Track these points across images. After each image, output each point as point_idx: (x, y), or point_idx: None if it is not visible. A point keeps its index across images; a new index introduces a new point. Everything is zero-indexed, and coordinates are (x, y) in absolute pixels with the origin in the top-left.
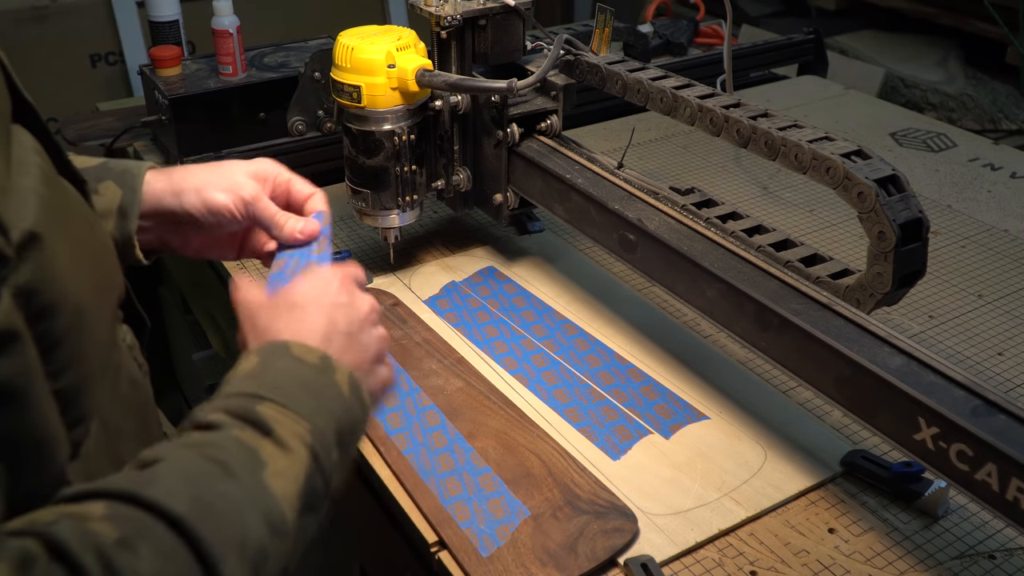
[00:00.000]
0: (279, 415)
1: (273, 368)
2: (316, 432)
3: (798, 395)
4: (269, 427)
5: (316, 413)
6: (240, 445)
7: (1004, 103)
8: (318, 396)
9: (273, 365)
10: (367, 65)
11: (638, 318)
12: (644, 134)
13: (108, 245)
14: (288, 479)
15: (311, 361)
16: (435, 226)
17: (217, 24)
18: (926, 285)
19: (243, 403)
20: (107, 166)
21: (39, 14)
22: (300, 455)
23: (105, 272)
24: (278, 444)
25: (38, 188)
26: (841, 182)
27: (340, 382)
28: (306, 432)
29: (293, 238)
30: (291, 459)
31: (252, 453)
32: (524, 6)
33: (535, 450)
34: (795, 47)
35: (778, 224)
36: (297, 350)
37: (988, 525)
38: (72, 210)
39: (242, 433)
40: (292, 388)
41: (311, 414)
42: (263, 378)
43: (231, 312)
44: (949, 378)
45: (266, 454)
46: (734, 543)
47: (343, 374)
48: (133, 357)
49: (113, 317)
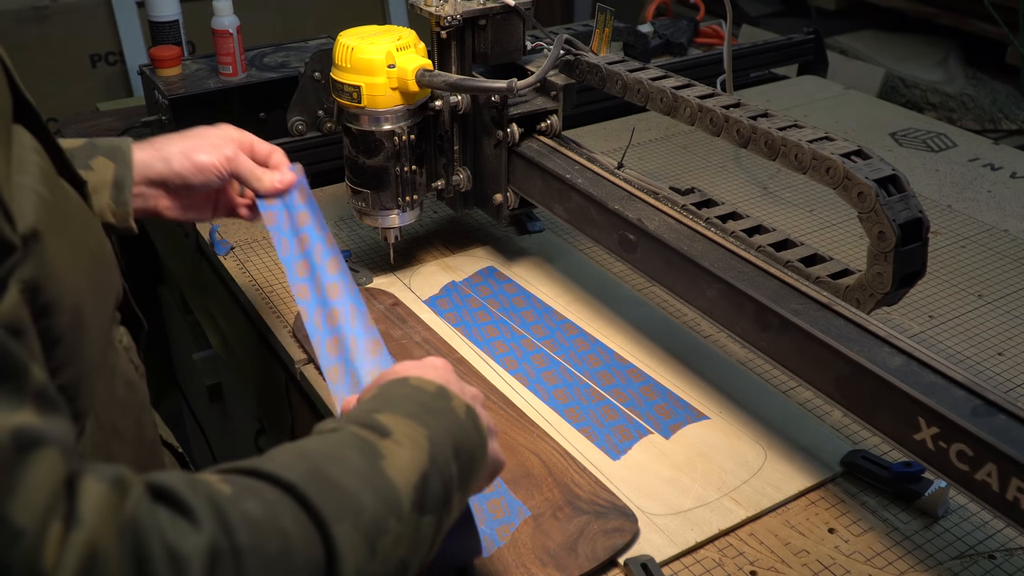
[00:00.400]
0: (397, 422)
1: (390, 393)
2: (433, 440)
3: (798, 395)
4: (387, 429)
5: (432, 425)
6: (358, 438)
7: (1004, 103)
8: (436, 415)
9: (391, 392)
10: (367, 65)
11: (638, 318)
12: (644, 134)
13: (106, 246)
14: (405, 471)
15: (428, 390)
16: (435, 226)
17: (217, 24)
18: (926, 285)
19: (363, 415)
20: (94, 144)
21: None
22: (417, 453)
23: (103, 273)
24: (396, 442)
25: (38, 187)
26: (841, 182)
27: (457, 408)
28: (423, 437)
29: (273, 188)
30: (409, 453)
31: (370, 446)
32: (524, 6)
33: (535, 450)
34: (795, 47)
35: (778, 224)
36: (415, 381)
37: (988, 525)
38: (71, 210)
39: (361, 431)
40: (409, 406)
41: (428, 424)
42: (381, 400)
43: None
44: (949, 378)
45: (385, 449)
46: (734, 543)
47: (460, 402)
48: (130, 359)
49: (110, 318)
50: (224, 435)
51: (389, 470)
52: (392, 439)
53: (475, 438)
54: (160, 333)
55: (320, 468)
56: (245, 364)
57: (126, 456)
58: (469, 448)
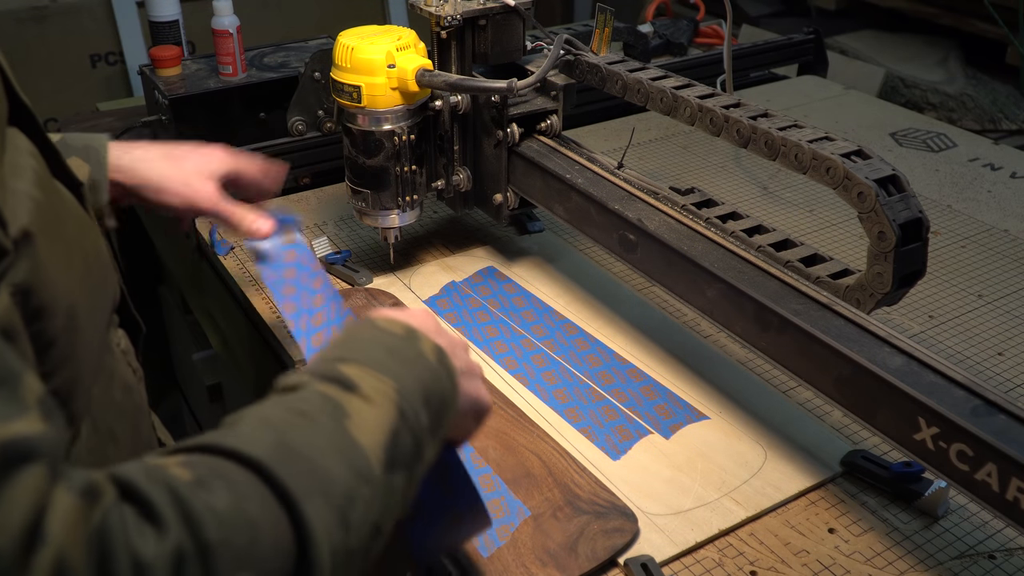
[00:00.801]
0: (363, 373)
1: (357, 336)
2: (402, 391)
3: (798, 395)
4: (353, 383)
5: (401, 374)
6: (323, 397)
7: (1004, 103)
8: (403, 361)
9: (357, 334)
10: (367, 65)
11: (638, 318)
12: (644, 134)
13: (102, 248)
14: (373, 431)
15: (396, 331)
16: (435, 226)
17: (217, 24)
18: (926, 285)
19: (326, 365)
20: (66, 142)
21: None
22: (385, 409)
23: (98, 276)
24: (363, 398)
25: (32, 192)
26: (841, 182)
27: (426, 351)
28: (391, 390)
29: (253, 234)
30: (376, 411)
31: (336, 404)
32: (524, 6)
33: (535, 450)
34: (795, 47)
35: (778, 224)
36: (382, 323)
37: (988, 525)
38: (66, 213)
39: (325, 388)
40: (376, 352)
41: (396, 375)
42: (346, 344)
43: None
44: (949, 378)
45: (351, 407)
46: (734, 543)
47: (429, 344)
48: (127, 362)
49: (107, 321)
50: None
51: (356, 432)
52: (358, 394)
53: (445, 382)
54: (160, 333)
55: (286, 439)
56: (245, 364)
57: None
58: (440, 393)
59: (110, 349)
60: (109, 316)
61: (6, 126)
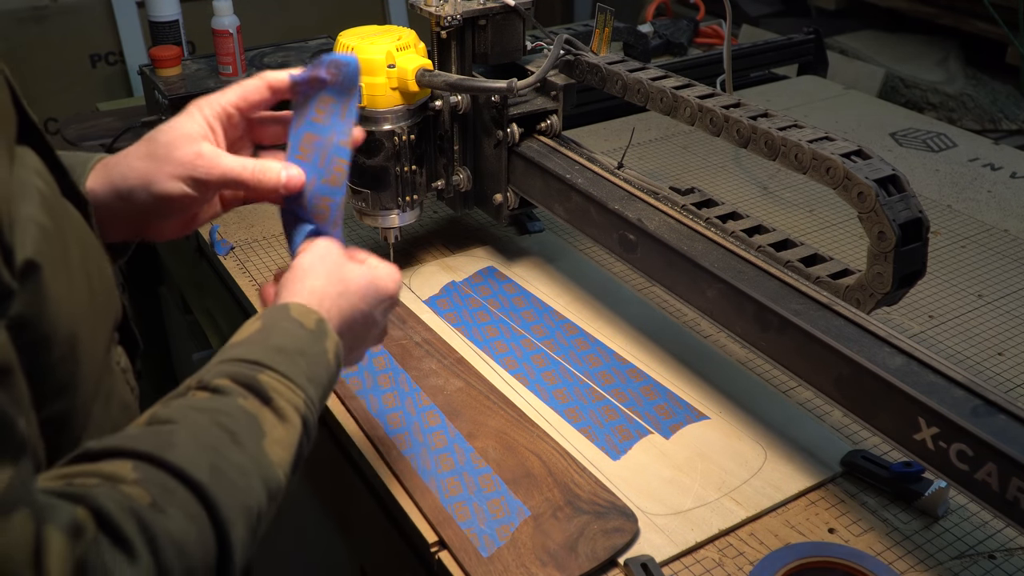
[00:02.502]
0: (278, 384)
1: (274, 331)
2: (308, 402)
3: (798, 395)
4: (269, 396)
5: (309, 382)
6: (245, 413)
7: (1004, 103)
8: (312, 364)
9: (274, 327)
10: (367, 65)
11: (638, 318)
12: (644, 134)
13: (106, 268)
14: (284, 447)
15: (308, 326)
16: (435, 226)
17: (217, 24)
18: (926, 285)
19: (246, 371)
20: None
21: (39, 14)
22: (295, 424)
23: (102, 297)
24: (277, 414)
25: (38, 217)
26: (841, 182)
27: (329, 350)
28: (300, 402)
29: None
30: (287, 428)
31: (255, 422)
32: (524, 6)
33: (535, 450)
34: (795, 47)
35: (778, 224)
36: (296, 311)
37: (988, 525)
38: (71, 236)
39: (246, 402)
40: (290, 356)
41: (305, 383)
42: (265, 343)
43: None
44: (949, 378)
45: (267, 424)
46: (734, 543)
47: (332, 342)
48: (126, 380)
49: (108, 341)
50: None
51: (270, 450)
52: (272, 407)
53: (335, 376)
54: (160, 333)
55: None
56: None
57: None
58: (328, 387)
59: (110, 368)
60: (111, 335)
61: (15, 144)
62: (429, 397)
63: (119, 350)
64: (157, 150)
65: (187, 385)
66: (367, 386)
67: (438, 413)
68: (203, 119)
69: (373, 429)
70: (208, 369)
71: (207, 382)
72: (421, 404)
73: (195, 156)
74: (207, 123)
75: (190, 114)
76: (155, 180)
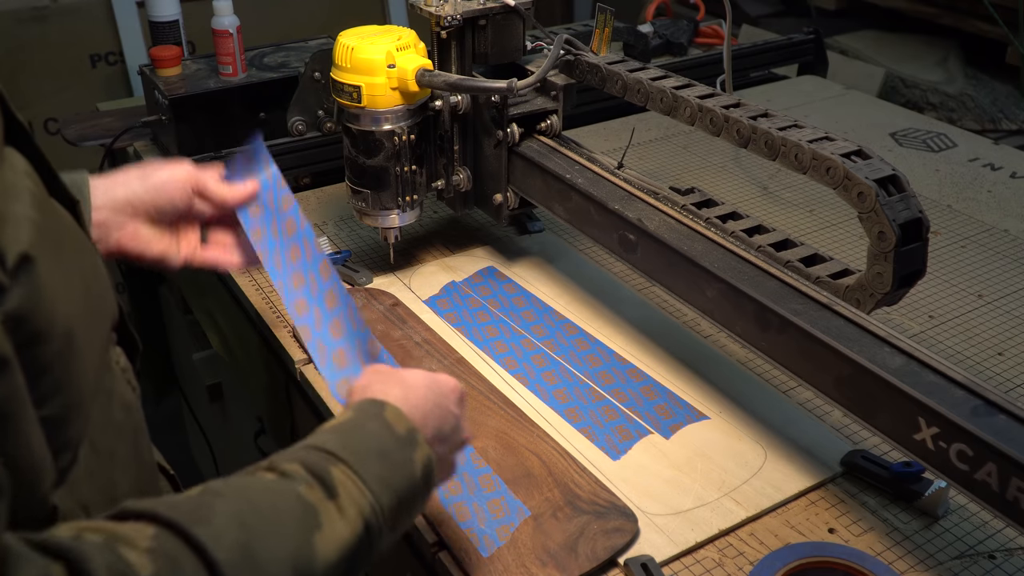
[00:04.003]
0: (348, 481)
1: (361, 428)
2: (376, 508)
3: (798, 395)
4: (336, 491)
5: (383, 487)
6: (303, 503)
7: (1004, 103)
8: (392, 469)
9: (363, 425)
10: (367, 65)
11: (638, 318)
12: (644, 134)
13: (100, 267)
14: (336, 546)
15: (399, 431)
16: (435, 226)
17: (217, 24)
18: (926, 285)
19: (320, 460)
20: None
21: (39, 14)
22: (355, 526)
23: (97, 295)
24: (339, 510)
25: (30, 214)
26: (841, 182)
27: (417, 460)
28: (367, 505)
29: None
30: (345, 527)
31: (312, 513)
32: (524, 6)
33: (535, 450)
34: (795, 47)
35: (778, 224)
36: (391, 414)
37: (988, 525)
38: (63, 235)
39: (309, 491)
40: (370, 455)
41: (379, 488)
42: (348, 436)
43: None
44: (949, 378)
45: (325, 517)
46: (734, 543)
47: (423, 454)
48: (127, 380)
49: (106, 340)
50: (224, 435)
51: (320, 544)
52: (336, 504)
53: (421, 495)
54: (160, 333)
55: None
56: (245, 364)
57: (126, 481)
58: (411, 500)
59: (109, 368)
60: (108, 335)
61: (2, 145)
62: None
63: (117, 350)
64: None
65: (259, 464)
66: None
67: None
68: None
69: None
70: (287, 451)
71: (277, 464)
72: None
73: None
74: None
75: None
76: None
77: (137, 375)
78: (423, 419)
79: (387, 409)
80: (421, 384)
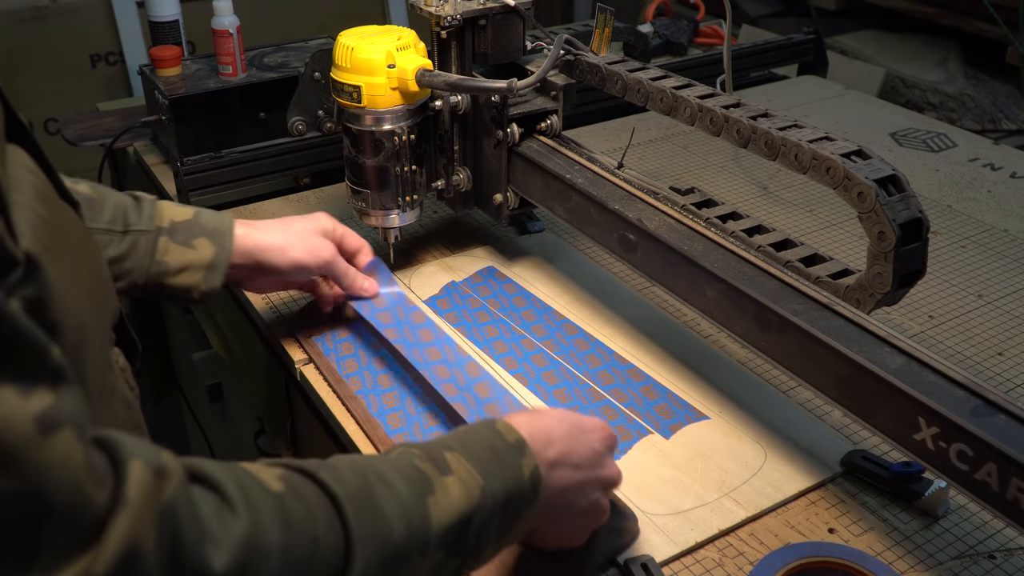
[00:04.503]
0: (460, 464)
1: (472, 431)
2: (485, 491)
3: (798, 395)
4: (449, 468)
5: (492, 477)
6: (417, 470)
7: (1004, 103)
8: (501, 464)
9: (474, 429)
10: (367, 65)
11: (638, 318)
12: (644, 134)
13: (103, 266)
14: (447, 512)
15: (508, 439)
16: (435, 226)
17: (217, 24)
18: (926, 285)
19: (433, 446)
20: (199, 221)
21: (39, 14)
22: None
23: (101, 293)
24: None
25: (34, 206)
26: (841, 182)
27: (524, 467)
28: (476, 487)
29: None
30: (457, 498)
31: (426, 479)
32: (524, 6)
33: None
34: (795, 47)
35: (778, 224)
36: (501, 425)
37: (988, 525)
38: (69, 230)
39: (423, 464)
40: (480, 449)
41: (488, 476)
42: (459, 435)
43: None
44: (949, 378)
45: (437, 485)
46: (734, 543)
47: (531, 463)
48: (125, 380)
49: (108, 338)
50: (224, 435)
51: (432, 507)
52: (449, 479)
53: (529, 496)
54: (160, 333)
55: (369, 488)
56: (245, 364)
57: None
58: (519, 504)
59: (111, 366)
60: (110, 333)
61: (5, 141)
62: (429, 397)
63: (116, 350)
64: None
65: None
66: (367, 386)
67: (438, 414)
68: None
69: (373, 429)
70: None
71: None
72: (421, 404)
73: (323, 246)
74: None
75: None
76: (295, 249)
77: (137, 376)
78: (546, 438)
79: (498, 422)
80: (555, 414)
